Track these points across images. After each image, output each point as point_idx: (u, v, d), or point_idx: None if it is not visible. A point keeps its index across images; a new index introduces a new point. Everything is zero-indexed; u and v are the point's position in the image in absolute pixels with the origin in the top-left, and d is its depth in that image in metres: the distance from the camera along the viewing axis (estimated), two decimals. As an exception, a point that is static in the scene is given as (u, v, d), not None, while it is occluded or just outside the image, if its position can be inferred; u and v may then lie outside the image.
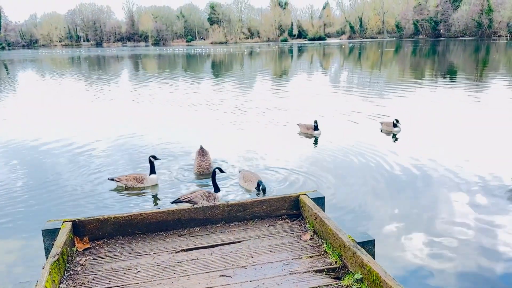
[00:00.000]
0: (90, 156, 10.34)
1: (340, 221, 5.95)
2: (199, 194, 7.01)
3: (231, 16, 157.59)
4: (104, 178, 8.50)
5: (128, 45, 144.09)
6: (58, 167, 9.47)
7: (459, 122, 13.65)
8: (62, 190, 7.98)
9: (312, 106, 16.96)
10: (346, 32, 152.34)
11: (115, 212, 6.77)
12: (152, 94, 21.88)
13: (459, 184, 7.79)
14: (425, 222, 6.33)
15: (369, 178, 8.20)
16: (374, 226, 6.19)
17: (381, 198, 7.27)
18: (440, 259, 5.35)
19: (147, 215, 4.82)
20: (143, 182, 8.01)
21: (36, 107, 19.03)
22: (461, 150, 10.20)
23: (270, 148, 10.68)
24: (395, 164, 9.01)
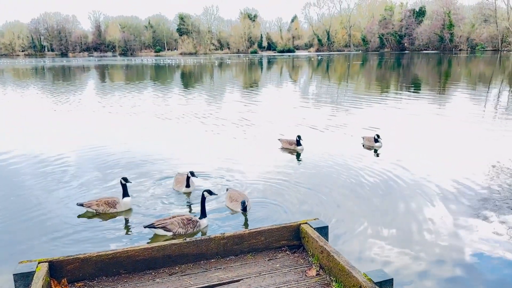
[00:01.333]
0: (58, 175, 9.55)
1: (344, 251, 5.60)
2: (176, 221, 6.45)
3: (201, 27, 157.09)
4: (74, 204, 7.81)
5: (94, 55, 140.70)
6: (23, 192, 8.62)
7: (430, 133, 13.96)
8: (32, 221, 7.17)
9: (286, 119, 16.73)
10: (314, 45, 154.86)
11: (95, 246, 6.12)
12: (120, 106, 21.06)
13: (446, 196, 7.70)
14: (438, 248, 6.09)
15: (363, 199, 7.94)
16: (376, 255, 5.88)
17: (380, 222, 6.98)
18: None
19: (133, 252, 4.32)
20: (115, 207, 7.31)
21: None
22: (437, 159, 10.40)
23: (253, 166, 10.24)
24: (383, 181, 8.83)
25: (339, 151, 11.44)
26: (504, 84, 32.20)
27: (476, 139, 13.18)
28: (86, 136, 14.28)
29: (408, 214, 7.25)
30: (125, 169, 10.03)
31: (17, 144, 12.93)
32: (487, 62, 64.93)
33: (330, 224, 5.52)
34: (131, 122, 17.06)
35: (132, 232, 6.74)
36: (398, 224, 6.84)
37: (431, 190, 8.35)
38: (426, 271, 5.43)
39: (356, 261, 5.36)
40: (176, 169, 9.76)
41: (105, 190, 8.59)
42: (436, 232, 6.53)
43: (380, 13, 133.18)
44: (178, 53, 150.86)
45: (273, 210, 7.41)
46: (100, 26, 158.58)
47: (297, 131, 13.73)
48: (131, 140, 13.47)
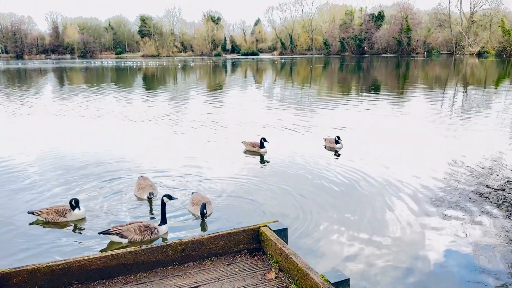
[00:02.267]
0: (12, 181, 9.09)
1: (301, 252, 5.62)
2: (132, 227, 6.25)
3: (163, 29, 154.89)
4: (25, 211, 7.46)
5: (52, 58, 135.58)
6: None
7: (390, 133, 14.43)
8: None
9: (251, 121, 16.74)
10: (278, 48, 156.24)
11: (45, 257, 5.83)
12: (80, 109, 20.36)
13: (406, 195, 7.93)
14: (397, 249, 6.22)
15: (323, 201, 8.02)
16: (334, 255, 5.94)
17: (338, 222, 7.08)
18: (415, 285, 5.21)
19: (86, 261, 4.14)
20: (65, 216, 7.01)
21: None
22: (398, 160, 10.66)
23: (217, 168, 10.15)
24: (344, 182, 8.98)
25: (302, 153, 11.55)
26: (458, 85, 33.68)
27: (434, 137, 13.70)
28: (43, 140, 13.76)
29: (368, 214, 7.39)
30: (86, 173, 9.69)
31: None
32: (442, 65, 67.73)
33: (290, 226, 5.52)
34: (92, 125, 16.57)
35: (86, 240, 6.47)
36: (357, 224, 6.95)
37: (391, 189, 8.57)
38: (383, 270, 5.53)
39: (315, 262, 5.39)
40: (138, 172, 9.53)
41: (64, 195, 8.24)
42: (395, 231, 6.69)
43: (341, 17, 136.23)
44: (140, 55, 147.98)
45: (236, 213, 7.37)
46: (58, 28, 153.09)
47: (261, 133, 13.82)
48: (92, 143, 13.08)
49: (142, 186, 8.22)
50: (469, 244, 6.22)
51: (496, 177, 9.32)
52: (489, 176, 9.43)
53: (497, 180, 9.14)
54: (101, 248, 6.12)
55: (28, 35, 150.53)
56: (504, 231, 6.61)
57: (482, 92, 28.74)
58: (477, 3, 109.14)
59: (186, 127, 15.89)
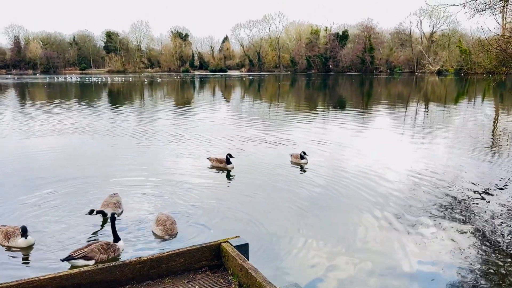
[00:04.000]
0: None
1: (265, 266, 5.63)
2: (96, 248, 6.16)
3: (129, 45, 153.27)
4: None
5: (13, 73, 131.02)
6: None
7: (354, 147, 14.80)
8: None
9: (217, 136, 16.74)
10: (246, 65, 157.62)
11: None
12: (42, 126, 19.73)
13: (369, 208, 8.12)
14: (357, 256, 6.32)
15: (287, 215, 8.09)
16: (296, 270, 5.98)
17: (301, 235, 7.15)
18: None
19: (39, 282, 3.99)
20: (8, 241, 6.56)
21: None
22: (360, 174, 10.94)
23: (182, 185, 10.08)
24: (309, 196, 9.11)
25: (268, 169, 11.67)
26: (420, 102, 35.05)
27: (397, 151, 14.19)
28: (4, 157, 13.28)
29: (332, 228, 7.52)
30: (46, 187, 9.37)
31: None
32: (404, 83, 70.33)
33: (252, 241, 5.53)
34: (56, 141, 16.16)
35: (42, 262, 6.25)
36: (321, 238, 7.04)
37: (355, 202, 8.78)
38: (344, 284, 5.62)
39: (276, 277, 5.41)
40: (102, 190, 9.31)
41: (22, 213, 7.91)
42: (359, 244, 6.82)
43: (307, 36, 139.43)
44: (106, 71, 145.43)
45: (199, 230, 7.32)
46: (20, 42, 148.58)
47: (228, 149, 13.86)
48: (55, 158, 12.85)
49: (107, 203, 8.05)
50: (434, 255, 6.42)
51: (456, 188, 9.74)
52: (450, 187, 9.84)
53: (457, 190, 9.55)
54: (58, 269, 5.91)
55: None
56: (469, 240, 6.87)
57: (442, 108, 30.03)
58: (436, 24, 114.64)
59: (152, 143, 15.70)
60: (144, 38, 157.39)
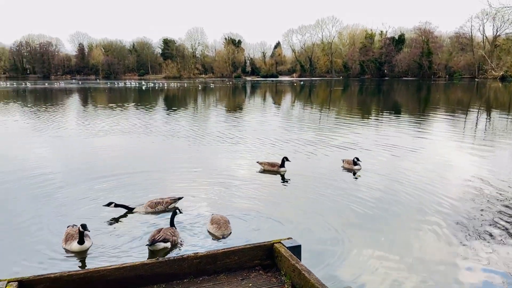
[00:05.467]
0: (38, 196, 9.46)
1: (316, 270, 5.65)
2: (167, 231, 6.84)
3: (185, 52, 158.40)
4: (53, 223, 7.75)
5: (77, 78, 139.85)
6: (4, 211, 8.53)
7: (410, 155, 14.25)
8: (9, 239, 7.10)
9: (268, 141, 16.89)
10: (297, 71, 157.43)
11: (71, 265, 6.05)
12: (104, 127, 20.93)
13: (426, 216, 7.87)
14: (409, 266, 6.18)
15: (340, 220, 8.04)
16: (349, 273, 5.94)
17: (353, 240, 7.08)
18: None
19: (105, 271, 4.29)
20: (66, 244, 6.75)
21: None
22: (417, 181, 10.58)
23: (234, 186, 10.34)
24: (362, 203, 8.98)
25: (319, 173, 11.62)
26: (481, 109, 33.25)
27: (457, 160, 13.57)
28: (74, 157, 14.35)
29: (387, 235, 7.37)
30: (104, 189, 9.99)
31: (4, 167, 12.70)
32: (464, 89, 67.02)
33: (304, 244, 5.57)
34: (115, 141, 17.21)
35: (110, 250, 6.69)
36: (374, 244, 6.93)
37: (412, 211, 8.53)
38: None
39: (328, 280, 5.40)
40: (157, 190, 9.77)
41: (91, 212, 8.46)
42: (414, 253, 6.64)
43: (361, 40, 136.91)
44: (162, 76, 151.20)
45: (251, 230, 7.48)
46: (84, 49, 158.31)
47: (279, 153, 13.97)
48: (113, 157, 13.72)
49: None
50: (497, 269, 6.12)
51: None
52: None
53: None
54: (131, 257, 6.28)
55: (55, 56, 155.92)
56: (524, 256, 6.48)
57: (506, 116, 28.30)
58: (499, 27, 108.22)
59: (206, 145, 16.18)
60: (199, 45, 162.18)
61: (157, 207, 8.48)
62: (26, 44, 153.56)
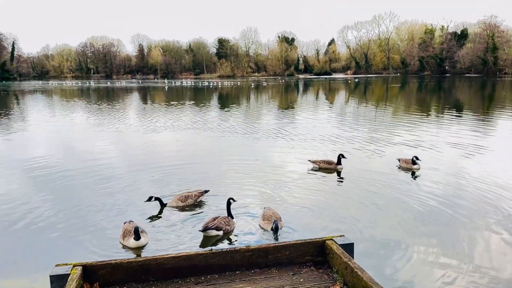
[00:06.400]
0: (105, 187, 10.10)
1: (368, 268, 5.53)
2: (222, 220, 7.13)
3: (239, 51, 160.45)
4: (115, 212, 8.24)
5: (137, 78, 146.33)
6: (74, 200, 9.18)
7: (473, 154, 13.49)
8: (76, 226, 7.65)
9: (321, 138, 16.69)
10: (352, 68, 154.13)
11: (129, 252, 6.41)
12: (161, 124, 21.75)
13: (489, 222, 7.44)
14: (467, 270, 5.89)
15: (396, 220, 7.81)
16: (402, 274, 5.76)
17: (409, 241, 6.85)
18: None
19: (162, 259, 4.48)
20: (123, 240, 6.81)
21: (44, 138, 18.93)
22: (480, 184, 9.97)
23: (287, 182, 10.40)
24: (421, 204, 8.66)
25: (375, 172, 11.31)
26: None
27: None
28: (136, 151, 15.23)
29: (444, 237, 7.05)
30: (169, 181, 10.66)
31: (72, 158, 13.74)
32: (534, 86, 62.27)
33: (357, 242, 5.49)
34: (172, 136, 18.08)
35: (164, 238, 7.01)
36: (430, 247, 6.66)
37: (472, 214, 8.08)
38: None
39: (381, 280, 5.27)
40: (210, 182, 10.05)
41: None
42: (476, 258, 6.30)
43: (420, 36, 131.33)
44: (217, 75, 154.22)
45: (303, 225, 7.48)
46: (143, 50, 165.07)
47: (333, 150, 13.85)
48: (178, 153, 14.49)
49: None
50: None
51: None
52: None
53: None
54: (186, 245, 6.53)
55: (117, 57, 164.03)
56: None
57: None
58: None
59: (259, 141, 16.34)
60: (253, 44, 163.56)
61: (187, 200, 8.69)
62: (90, 45, 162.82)
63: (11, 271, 6.00)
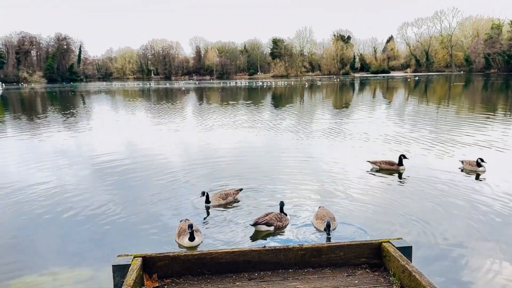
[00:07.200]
0: (168, 182, 10.52)
1: (427, 274, 5.31)
2: (274, 216, 7.22)
3: (293, 51, 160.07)
4: (175, 206, 8.57)
5: (194, 79, 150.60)
6: (140, 194, 9.66)
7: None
8: (134, 219, 8.02)
9: (379, 138, 16.20)
10: (411, 66, 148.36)
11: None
12: (218, 124, 22.23)
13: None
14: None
15: (458, 224, 7.42)
16: (462, 281, 5.46)
17: (471, 247, 6.48)
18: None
19: (217, 254, 4.58)
20: (178, 239, 6.85)
21: (108, 135, 20.01)
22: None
23: (343, 182, 10.24)
24: (486, 208, 8.15)
25: (436, 174, 10.78)
26: None
27: None
28: (193, 148, 15.83)
29: (507, 244, 6.59)
30: (225, 176, 11.04)
31: (133, 154, 14.49)
32: None
33: (415, 245, 5.28)
34: (227, 135, 18.48)
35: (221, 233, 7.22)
36: (491, 253, 6.25)
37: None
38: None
39: (440, 285, 5.03)
40: (266, 179, 10.12)
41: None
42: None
43: (486, 32, 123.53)
44: (270, 75, 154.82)
45: (357, 227, 7.31)
46: (200, 51, 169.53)
47: (391, 151, 13.51)
48: (235, 151, 14.81)
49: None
50: None
51: None
52: None
53: None
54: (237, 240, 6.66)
55: (176, 59, 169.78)
56: None
57: None
58: None
59: (313, 140, 16.20)
60: (307, 43, 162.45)
61: (227, 198, 8.79)
62: (150, 48, 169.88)
63: (76, 261, 6.38)
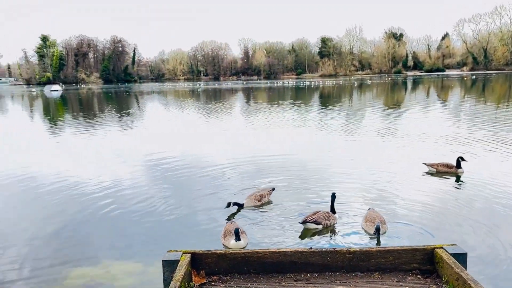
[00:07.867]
0: (216, 179, 10.79)
1: (483, 282, 5.03)
2: (322, 215, 7.27)
3: (342, 49, 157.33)
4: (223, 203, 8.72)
5: (242, 79, 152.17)
6: (188, 190, 9.94)
7: None
8: (184, 216, 8.23)
9: (434, 141, 15.51)
10: (468, 64, 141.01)
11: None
12: (266, 123, 22.33)
13: None
14: None
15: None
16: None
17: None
18: None
19: (263, 253, 4.60)
20: (224, 240, 6.84)
21: (161, 134, 20.67)
22: None
23: (395, 184, 9.92)
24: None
25: (497, 178, 10.08)
26: None
27: None
28: (239, 146, 16.03)
29: None
30: (272, 173, 11.09)
31: (184, 152, 14.89)
32: None
33: (470, 252, 5.00)
34: (278, 134, 18.62)
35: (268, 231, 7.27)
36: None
37: None
38: None
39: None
40: (316, 179, 10.03)
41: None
42: None
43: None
44: (318, 75, 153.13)
45: (409, 232, 7.08)
46: (248, 52, 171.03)
47: (446, 153, 12.91)
48: (280, 149, 14.81)
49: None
50: None
51: None
52: None
53: None
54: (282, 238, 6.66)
55: (224, 60, 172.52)
56: None
57: None
58: None
59: (363, 141, 15.87)
60: (357, 41, 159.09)
61: (263, 199, 8.69)
62: (200, 49, 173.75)
63: (127, 255, 6.65)
